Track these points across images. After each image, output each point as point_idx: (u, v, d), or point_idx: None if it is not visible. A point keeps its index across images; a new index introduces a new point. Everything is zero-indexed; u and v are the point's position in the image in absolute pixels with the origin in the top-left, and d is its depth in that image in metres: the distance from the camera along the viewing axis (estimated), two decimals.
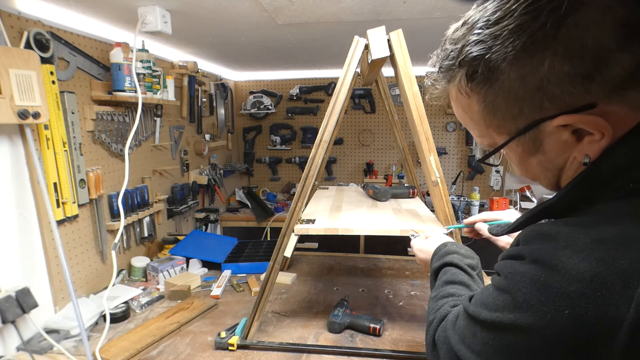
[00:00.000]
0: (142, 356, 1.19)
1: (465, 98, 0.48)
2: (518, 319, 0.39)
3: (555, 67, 0.38)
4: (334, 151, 3.37)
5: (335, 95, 1.14)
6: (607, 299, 0.33)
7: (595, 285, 0.34)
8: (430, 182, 1.13)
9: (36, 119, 1.19)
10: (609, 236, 0.36)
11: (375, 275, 1.81)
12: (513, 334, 0.40)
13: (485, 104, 0.46)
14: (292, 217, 1.17)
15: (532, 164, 0.48)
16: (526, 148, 0.47)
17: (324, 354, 1.18)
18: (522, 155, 0.48)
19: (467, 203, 2.84)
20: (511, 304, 0.41)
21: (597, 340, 0.34)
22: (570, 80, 0.38)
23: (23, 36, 1.23)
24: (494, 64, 0.41)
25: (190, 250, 1.93)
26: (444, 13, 1.48)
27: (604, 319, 0.33)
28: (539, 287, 0.38)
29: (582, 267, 0.35)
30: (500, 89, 0.43)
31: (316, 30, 1.77)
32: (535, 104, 0.41)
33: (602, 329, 0.33)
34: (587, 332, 0.34)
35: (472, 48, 0.43)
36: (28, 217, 1.28)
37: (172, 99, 1.99)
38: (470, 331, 0.48)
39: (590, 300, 0.34)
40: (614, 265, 0.34)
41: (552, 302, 0.36)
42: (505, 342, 0.41)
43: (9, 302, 1.13)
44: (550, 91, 0.39)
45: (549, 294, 0.37)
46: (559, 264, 0.37)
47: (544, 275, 0.38)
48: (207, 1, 1.33)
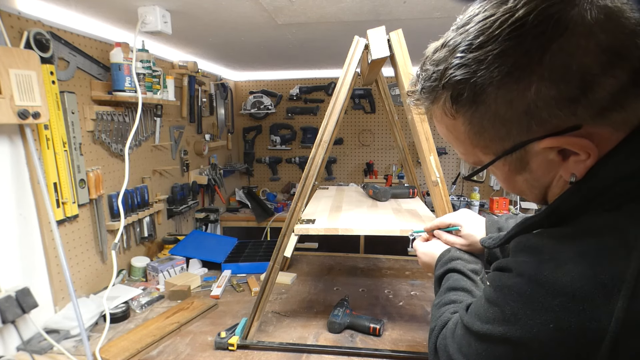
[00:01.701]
0: (142, 356, 1.19)
1: (451, 119, 0.47)
2: (507, 332, 0.40)
3: (542, 92, 0.38)
4: (334, 151, 3.37)
5: (335, 95, 1.14)
6: (590, 313, 0.34)
7: (577, 299, 0.35)
8: (430, 182, 1.13)
9: (36, 119, 1.19)
10: (591, 250, 0.37)
11: (375, 275, 1.81)
12: (503, 346, 0.41)
13: (471, 126, 0.45)
14: (292, 217, 1.17)
15: (519, 181, 0.49)
16: (512, 167, 0.47)
17: (324, 354, 1.18)
18: (508, 174, 0.49)
19: (467, 203, 2.84)
20: (500, 317, 0.42)
21: (582, 353, 0.35)
22: (557, 104, 0.38)
23: (23, 36, 1.23)
24: (479, 88, 0.41)
25: (190, 250, 1.93)
26: (444, 13, 1.48)
27: (587, 332, 0.34)
28: (525, 301, 0.39)
29: (564, 281, 0.36)
30: (486, 112, 0.43)
31: (316, 30, 1.77)
32: (523, 127, 0.41)
33: (586, 342, 0.34)
34: (572, 345, 0.35)
35: (455, 71, 0.42)
36: (28, 217, 1.28)
37: (172, 99, 1.99)
38: (466, 341, 0.49)
39: (573, 314, 0.35)
40: (595, 279, 0.34)
41: (537, 316, 0.37)
42: (496, 354, 0.43)
43: (9, 302, 1.13)
44: (538, 115, 0.40)
45: (534, 308, 0.38)
46: (543, 278, 0.38)
47: (529, 289, 0.39)
48: (207, 1, 1.33)
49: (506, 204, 2.82)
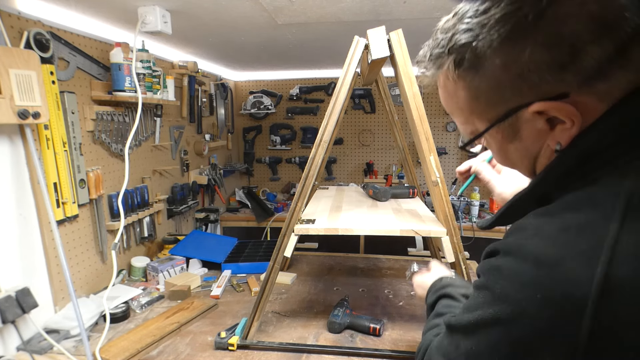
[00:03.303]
0: (142, 356, 1.19)
1: (452, 84, 0.49)
2: (498, 312, 0.40)
3: (535, 56, 0.40)
4: (334, 151, 3.37)
5: (335, 95, 1.14)
6: (572, 280, 0.35)
7: (560, 268, 0.36)
8: (430, 182, 1.13)
9: (36, 119, 1.19)
10: (572, 224, 0.38)
11: (375, 275, 1.81)
12: (494, 328, 0.41)
13: (470, 90, 0.48)
14: (292, 217, 1.17)
15: (510, 150, 0.50)
16: (505, 135, 0.49)
17: (324, 354, 1.18)
18: (501, 143, 0.50)
19: (467, 203, 2.84)
20: (490, 299, 0.42)
21: (568, 322, 0.35)
22: (548, 69, 0.40)
23: (23, 36, 1.23)
24: (480, 51, 0.43)
25: (190, 250, 1.93)
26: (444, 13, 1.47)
27: (571, 298, 0.35)
28: (512, 278, 0.40)
29: (548, 253, 0.38)
30: (484, 75, 0.45)
31: (316, 30, 1.77)
32: (516, 91, 0.44)
33: (570, 309, 0.35)
34: (559, 313, 0.36)
35: (460, 36, 0.45)
36: (28, 217, 1.28)
37: (172, 99, 1.99)
38: (453, 345, 0.48)
39: (557, 283, 0.36)
40: (576, 249, 0.36)
41: (525, 289, 0.38)
42: (488, 340, 0.42)
43: (9, 302, 1.13)
44: (530, 79, 0.42)
45: (521, 282, 0.39)
46: (528, 253, 0.39)
47: (516, 265, 0.40)
48: (207, 1, 1.33)
49: None
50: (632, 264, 0.33)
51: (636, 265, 0.33)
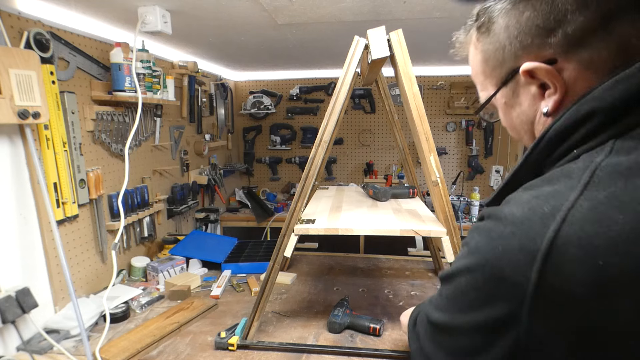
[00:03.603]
0: (142, 356, 1.19)
1: (474, 50, 0.56)
2: (468, 263, 0.46)
3: (530, 20, 0.46)
4: (334, 151, 3.37)
5: (335, 95, 1.14)
6: (529, 235, 0.40)
7: (523, 226, 0.41)
8: (430, 182, 1.13)
9: (36, 119, 1.19)
10: (544, 193, 0.42)
11: (375, 275, 1.81)
12: (464, 276, 0.46)
13: (482, 53, 0.54)
14: (292, 217, 1.17)
15: (514, 117, 0.55)
16: (508, 100, 0.54)
17: (324, 354, 1.18)
18: (505, 108, 0.56)
19: (467, 203, 2.84)
20: (466, 253, 0.47)
21: (519, 272, 0.39)
22: (539, 32, 0.46)
23: (23, 36, 1.23)
24: (493, 14, 0.51)
25: (190, 250, 1.93)
26: (444, 13, 1.48)
27: (524, 250, 0.39)
28: (486, 234, 0.45)
29: (516, 214, 0.42)
30: (492, 37, 0.51)
31: (316, 30, 1.77)
32: (512, 53, 0.49)
33: (524, 260, 0.39)
34: (513, 264, 0.40)
35: (487, 3, 0.52)
36: (28, 217, 1.28)
37: (172, 99, 1.99)
38: (437, 294, 0.54)
39: (517, 237, 0.41)
40: (539, 211, 0.40)
41: (492, 243, 0.43)
42: (459, 286, 0.47)
43: (9, 302, 1.13)
44: (524, 41, 0.47)
45: (491, 238, 0.43)
46: (502, 215, 0.44)
47: (490, 225, 0.45)
48: (207, 1, 1.33)
49: None
50: (580, 224, 0.37)
51: (583, 225, 0.36)
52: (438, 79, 3.11)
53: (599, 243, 0.35)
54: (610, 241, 0.35)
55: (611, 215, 0.36)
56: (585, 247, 0.36)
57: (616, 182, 0.37)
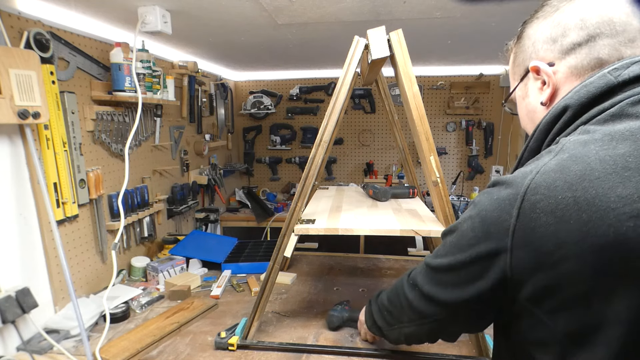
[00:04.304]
0: (142, 356, 1.19)
1: (512, 54, 0.72)
2: (470, 213, 0.60)
3: (545, 30, 0.62)
4: (334, 151, 3.37)
5: (335, 95, 1.14)
6: (515, 187, 0.53)
7: (512, 183, 0.54)
8: (430, 182, 1.13)
9: (36, 119, 1.19)
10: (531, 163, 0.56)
11: (375, 275, 1.81)
12: (466, 222, 0.60)
13: (514, 56, 0.70)
14: (292, 217, 1.17)
15: (524, 107, 0.70)
16: (522, 93, 0.69)
17: (324, 354, 1.18)
18: (519, 100, 0.71)
19: (467, 203, 2.84)
20: (470, 208, 0.61)
21: (506, 211, 0.53)
22: (547, 40, 0.62)
23: (23, 36, 1.23)
24: (525, 26, 0.66)
25: (190, 250, 1.93)
26: (444, 13, 1.48)
27: (511, 197, 0.53)
28: (488, 194, 0.58)
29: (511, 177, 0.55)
30: (521, 42, 0.67)
31: (316, 30, 1.77)
32: (528, 55, 0.65)
33: (509, 202, 0.53)
34: (502, 207, 0.54)
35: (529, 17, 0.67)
36: (28, 217, 1.28)
37: (172, 99, 1.99)
38: (440, 246, 0.68)
39: (507, 190, 0.54)
40: (525, 172, 0.54)
41: (491, 197, 0.57)
42: (461, 230, 0.61)
43: (9, 302, 1.13)
44: (537, 46, 0.63)
45: (491, 195, 0.57)
46: (502, 179, 0.57)
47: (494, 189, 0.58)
48: (207, 1, 1.33)
49: None
50: (548, 174, 0.50)
51: (549, 174, 0.50)
52: (438, 79, 3.11)
53: (558, 184, 0.49)
54: (566, 182, 0.48)
55: (569, 166, 0.49)
56: (549, 187, 0.49)
57: (576, 148, 0.51)
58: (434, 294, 0.67)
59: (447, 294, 0.64)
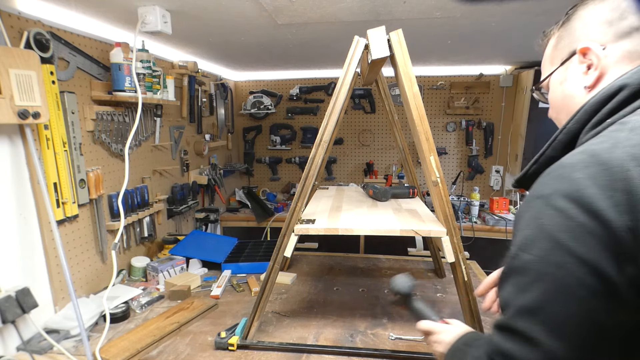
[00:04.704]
0: (142, 356, 1.19)
1: (552, 39, 0.71)
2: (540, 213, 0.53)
3: (600, 12, 0.61)
4: (334, 151, 3.37)
5: (335, 95, 1.14)
6: (605, 163, 0.49)
7: (595, 160, 0.50)
8: (430, 182, 1.13)
9: (36, 119, 1.19)
10: (599, 141, 0.53)
11: (375, 275, 1.81)
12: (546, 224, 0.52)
13: (557, 39, 0.69)
14: (292, 217, 1.17)
15: (560, 92, 0.68)
16: (560, 77, 0.68)
17: (324, 354, 1.18)
18: (556, 85, 0.69)
19: (467, 203, 2.84)
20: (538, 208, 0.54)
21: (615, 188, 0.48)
22: (603, 22, 0.61)
23: (23, 36, 1.23)
24: (576, 8, 0.65)
25: (190, 250, 1.93)
26: (444, 13, 1.48)
27: (608, 173, 0.48)
28: (553, 179, 0.54)
29: (574, 158, 0.53)
30: (570, 25, 0.66)
31: (316, 30, 1.77)
32: (579, 35, 0.64)
33: (611, 180, 0.48)
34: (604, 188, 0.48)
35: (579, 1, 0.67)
36: (28, 217, 1.28)
37: (172, 99, 1.99)
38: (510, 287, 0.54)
39: (593, 169, 0.49)
40: (603, 147, 0.51)
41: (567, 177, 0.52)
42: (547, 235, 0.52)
43: (9, 302, 1.13)
44: (590, 27, 0.62)
45: (563, 177, 0.52)
46: (563, 163, 0.54)
47: (553, 174, 0.54)
48: (207, 1, 1.33)
49: (506, 204, 2.81)
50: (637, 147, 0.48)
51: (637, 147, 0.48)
52: (438, 79, 3.11)
53: None
54: None
55: None
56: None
57: None
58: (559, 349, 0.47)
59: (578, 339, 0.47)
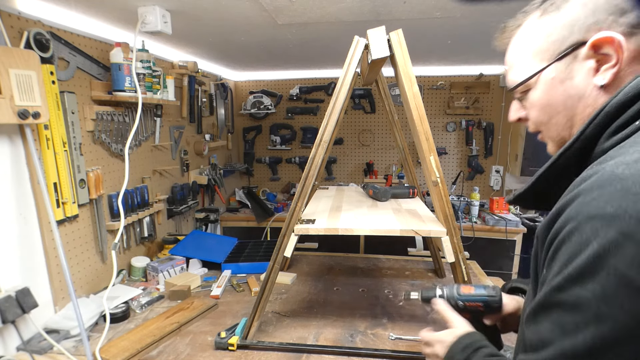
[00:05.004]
0: (142, 356, 1.19)
1: (529, 29, 0.59)
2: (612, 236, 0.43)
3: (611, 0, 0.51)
4: (334, 151, 3.37)
5: (335, 95, 1.14)
6: None
7: None
8: (430, 182, 1.13)
9: (36, 119, 1.19)
10: None
11: (375, 275, 1.81)
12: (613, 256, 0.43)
13: (544, 29, 0.57)
14: (292, 217, 1.17)
15: (557, 93, 0.57)
16: (558, 74, 0.56)
17: (324, 354, 1.18)
18: (551, 83, 0.57)
19: (467, 203, 2.84)
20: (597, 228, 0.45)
21: None
22: (615, 10, 0.51)
23: (23, 36, 1.23)
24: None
25: (190, 250, 1.93)
26: (444, 13, 1.48)
27: None
28: (612, 196, 0.45)
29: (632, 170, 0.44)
30: (565, 12, 0.55)
31: (316, 30, 1.77)
32: (585, 25, 0.53)
33: None
34: None
35: None
36: (28, 217, 1.28)
37: (172, 99, 1.99)
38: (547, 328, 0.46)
39: None
40: None
41: (628, 201, 0.43)
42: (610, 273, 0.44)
43: (9, 302, 1.13)
44: (599, 16, 0.52)
45: (624, 196, 0.43)
46: (617, 177, 0.44)
47: (610, 190, 0.44)
48: (207, 1, 1.33)
49: (506, 204, 2.81)
50: None
51: None
52: (438, 79, 3.11)
53: None
54: None
55: None
56: None
57: None
58: None
59: None
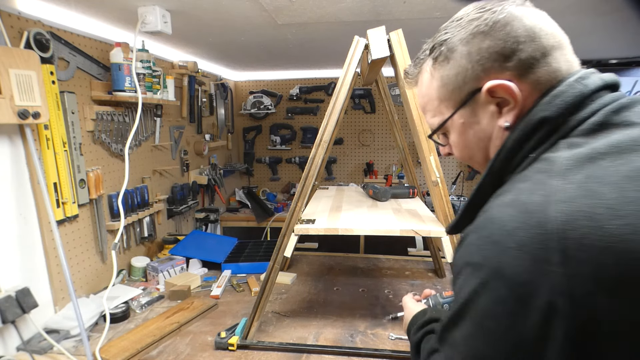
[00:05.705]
0: (142, 356, 1.19)
1: (429, 78, 0.62)
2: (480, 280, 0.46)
3: (491, 47, 0.54)
4: (334, 151, 3.37)
5: (335, 95, 1.14)
6: (536, 223, 0.42)
7: (525, 218, 0.43)
8: (430, 182, 1.13)
9: (36, 119, 1.19)
10: (524, 189, 0.47)
11: (375, 275, 1.81)
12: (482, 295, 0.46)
13: (441, 80, 0.60)
14: (292, 217, 1.17)
15: (470, 136, 0.61)
16: (466, 120, 0.59)
17: (324, 354, 1.18)
18: (462, 128, 0.61)
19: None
20: (469, 273, 0.49)
21: (544, 261, 0.41)
22: (498, 58, 0.54)
23: (23, 36, 1.23)
24: (452, 44, 0.57)
25: (190, 250, 1.93)
26: (444, 13, 1.48)
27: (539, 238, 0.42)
28: (484, 243, 0.47)
29: (510, 212, 0.45)
30: (453, 63, 0.57)
31: (316, 30, 1.77)
32: (474, 75, 0.56)
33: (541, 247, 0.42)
34: (533, 255, 0.42)
35: (441, 36, 0.59)
36: (28, 217, 1.28)
37: (172, 99, 1.99)
38: (448, 349, 0.52)
39: (524, 230, 0.42)
40: (533, 201, 0.44)
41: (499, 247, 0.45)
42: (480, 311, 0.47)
43: (9, 302, 1.13)
44: (485, 64, 0.55)
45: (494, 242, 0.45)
46: (492, 220, 0.48)
47: (483, 233, 0.48)
48: (207, 1, 1.33)
49: None
50: (577, 201, 0.41)
51: (580, 201, 0.41)
52: None
53: (601, 211, 0.39)
54: (609, 209, 0.39)
55: (596, 189, 0.41)
56: (591, 217, 0.39)
57: (585, 166, 0.44)
58: None
59: None
